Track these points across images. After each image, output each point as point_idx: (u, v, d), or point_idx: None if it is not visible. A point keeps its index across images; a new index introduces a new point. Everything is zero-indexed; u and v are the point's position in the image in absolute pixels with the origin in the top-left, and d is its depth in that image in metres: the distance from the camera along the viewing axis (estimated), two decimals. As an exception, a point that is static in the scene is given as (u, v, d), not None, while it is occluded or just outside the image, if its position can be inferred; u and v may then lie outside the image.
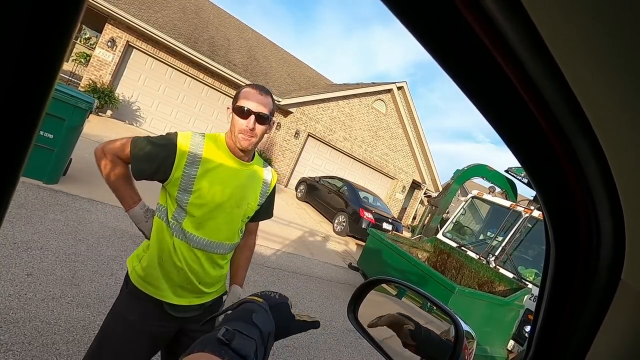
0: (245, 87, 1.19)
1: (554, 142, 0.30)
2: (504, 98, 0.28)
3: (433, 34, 0.26)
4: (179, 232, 1.16)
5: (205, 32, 11.95)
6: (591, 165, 0.30)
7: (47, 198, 3.66)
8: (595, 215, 0.33)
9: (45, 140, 3.79)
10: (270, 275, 4.33)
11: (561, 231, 0.38)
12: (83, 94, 4.15)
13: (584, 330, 0.42)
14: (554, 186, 0.34)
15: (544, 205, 0.37)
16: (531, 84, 0.26)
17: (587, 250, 0.36)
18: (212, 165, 1.16)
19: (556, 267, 0.41)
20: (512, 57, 0.24)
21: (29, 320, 2.06)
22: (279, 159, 12.35)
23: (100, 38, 9.61)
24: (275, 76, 13.50)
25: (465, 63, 0.27)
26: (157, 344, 1.22)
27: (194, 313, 1.24)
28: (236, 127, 1.16)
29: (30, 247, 2.72)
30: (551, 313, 0.47)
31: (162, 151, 1.12)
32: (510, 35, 0.24)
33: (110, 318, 1.19)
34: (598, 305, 0.39)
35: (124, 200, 1.20)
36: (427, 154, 15.08)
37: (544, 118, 0.28)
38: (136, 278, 1.18)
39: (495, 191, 6.65)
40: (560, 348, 0.47)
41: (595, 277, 0.38)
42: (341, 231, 8.68)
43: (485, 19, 0.23)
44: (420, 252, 5.54)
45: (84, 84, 9.29)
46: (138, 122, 10.56)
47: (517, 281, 4.41)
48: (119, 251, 3.29)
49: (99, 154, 1.16)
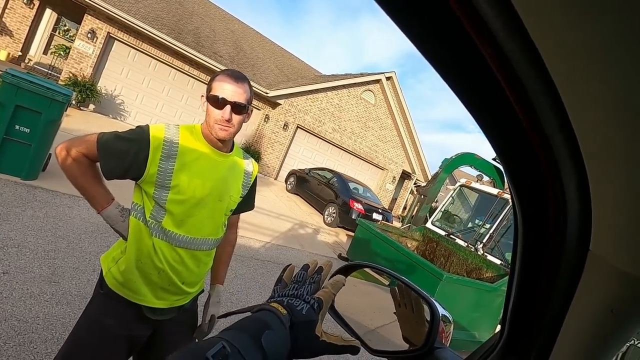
0: (219, 74, 1.10)
1: (517, 106, 0.27)
2: (478, 78, 0.27)
3: (414, 21, 0.24)
4: (159, 232, 1.08)
5: (189, 23, 11.67)
6: (555, 132, 0.28)
7: (25, 195, 3.54)
8: (561, 185, 0.31)
9: (21, 134, 3.66)
10: (259, 268, 4.30)
11: (528, 204, 0.36)
12: (60, 87, 4.00)
13: (555, 306, 0.41)
14: (519, 157, 0.32)
15: (509, 178, 0.35)
16: (503, 60, 0.24)
17: (555, 222, 0.35)
18: (189, 158, 1.08)
19: (524, 242, 0.39)
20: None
21: (5, 319, 1.99)
22: (267, 151, 12.25)
23: (80, 29, 9.30)
24: (262, 68, 13.31)
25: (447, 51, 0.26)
26: (133, 348, 1.16)
27: (172, 315, 1.19)
28: (211, 117, 1.08)
29: (7, 245, 2.63)
30: (523, 290, 0.45)
31: (133, 146, 1.03)
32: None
33: (84, 322, 1.11)
34: (568, 279, 0.37)
35: (95, 200, 1.09)
36: (417, 144, 15.13)
37: (506, 81, 0.26)
38: (112, 281, 1.10)
39: (483, 179, 6.71)
40: (534, 326, 0.46)
41: (563, 250, 0.36)
42: (331, 222, 8.69)
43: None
44: (409, 241, 5.57)
45: (64, 77, 9.00)
46: (122, 116, 10.32)
47: (505, 267, 4.47)
48: (102, 247, 3.21)
49: (61, 154, 1.04)
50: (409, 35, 0.25)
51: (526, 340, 0.48)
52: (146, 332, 1.15)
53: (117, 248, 1.15)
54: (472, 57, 0.25)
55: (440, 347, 0.66)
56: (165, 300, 1.14)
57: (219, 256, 1.33)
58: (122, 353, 1.12)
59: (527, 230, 0.38)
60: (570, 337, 0.40)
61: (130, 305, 1.10)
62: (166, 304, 1.14)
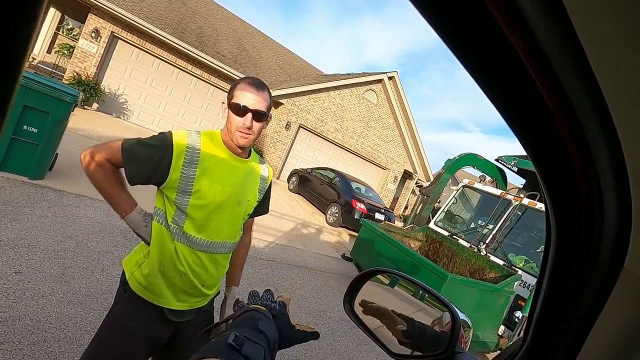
0: (241, 82, 1.12)
1: (558, 120, 0.27)
2: (511, 75, 0.26)
3: (445, 16, 0.24)
4: (181, 236, 1.10)
5: (192, 22, 11.68)
6: (600, 147, 0.28)
7: (34, 194, 3.57)
8: (600, 199, 0.32)
9: (29, 134, 3.69)
10: (263, 267, 4.33)
11: (563, 215, 0.37)
12: (67, 87, 4.03)
13: (582, 318, 0.42)
14: (556, 168, 0.32)
15: (545, 187, 0.35)
16: (542, 57, 0.24)
17: (590, 236, 0.35)
18: (210, 163, 1.11)
19: (556, 253, 0.41)
20: (523, 25, 0.22)
21: (19, 318, 2.02)
22: (270, 150, 12.27)
23: (84, 29, 9.32)
24: (265, 67, 13.32)
25: (480, 48, 0.25)
26: (155, 349, 1.19)
27: (192, 316, 1.22)
28: (232, 124, 1.10)
29: (18, 245, 2.66)
30: (550, 301, 0.46)
31: (157, 153, 1.06)
32: (528, 10, 0.21)
33: (108, 324, 1.14)
34: (598, 292, 0.38)
35: (119, 205, 1.12)
36: (418, 144, 15.13)
37: (551, 98, 0.26)
38: (136, 285, 1.12)
39: (486, 180, 6.72)
40: (558, 335, 0.47)
41: (596, 264, 0.37)
42: (334, 222, 8.71)
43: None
44: (412, 242, 5.59)
45: (68, 76, 9.04)
46: (125, 115, 10.35)
47: (507, 268, 4.49)
48: (110, 247, 3.24)
49: (86, 159, 1.06)
50: (438, 29, 0.24)
51: (550, 348, 0.49)
52: (167, 333, 1.18)
53: (139, 252, 1.18)
54: (504, 52, 0.24)
55: (460, 351, 0.68)
56: (186, 303, 1.17)
57: (235, 259, 1.36)
58: (144, 354, 1.15)
59: (560, 241, 0.39)
60: (597, 347, 0.41)
61: (153, 307, 1.13)
62: (187, 306, 1.17)
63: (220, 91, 11.33)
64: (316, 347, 3.03)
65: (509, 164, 6.34)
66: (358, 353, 3.25)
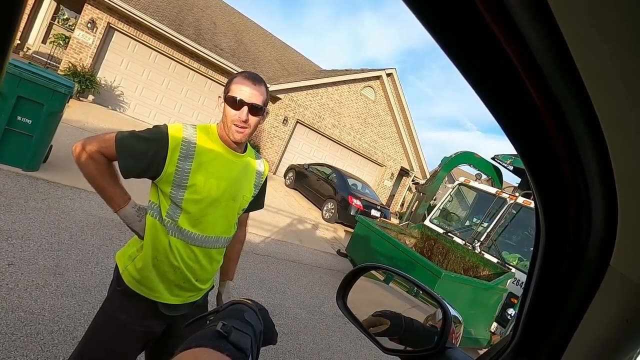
0: (238, 76, 1.12)
1: (547, 121, 0.28)
2: (501, 75, 0.26)
3: (438, 16, 0.24)
4: (175, 230, 1.10)
5: (190, 15, 11.56)
6: (587, 149, 0.28)
7: (27, 186, 3.54)
8: (588, 199, 0.32)
9: (24, 125, 3.65)
10: (259, 263, 4.33)
11: (552, 214, 0.37)
12: (62, 78, 3.99)
13: (570, 314, 0.43)
14: (545, 168, 0.33)
15: (534, 187, 0.36)
16: (532, 61, 0.24)
17: (577, 235, 0.36)
18: (206, 158, 1.10)
19: (545, 251, 0.41)
20: (517, 34, 0.23)
21: (12, 310, 2.02)
22: (267, 146, 12.24)
23: (80, 19, 9.20)
24: (263, 61, 13.24)
25: (470, 46, 0.25)
26: (148, 343, 1.19)
27: (186, 310, 1.22)
28: (228, 117, 1.10)
29: (11, 237, 2.64)
30: (538, 298, 0.47)
31: (153, 146, 1.04)
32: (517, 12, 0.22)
33: (101, 318, 1.14)
34: (585, 289, 0.39)
35: (112, 200, 1.10)
36: (416, 141, 15.15)
37: (540, 100, 0.26)
38: (129, 279, 1.12)
39: (482, 178, 6.75)
40: (546, 331, 0.48)
41: (583, 262, 0.37)
42: (330, 218, 8.72)
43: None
44: (407, 239, 5.62)
45: (63, 67, 8.93)
46: (121, 108, 10.26)
47: (501, 266, 4.53)
48: (104, 240, 3.23)
49: (78, 151, 1.04)
50: (435, 35, 0.25)
51: (538, 343, 0.50)
52: (160, 327, 1.18)
53: (132, 246, 1.17)
54: (496, 56, 0.24)
55: (450, 347, 0.69)
56: (179, 297, 1.17)
57: (229, 253, 1.36)
58: (137, 348, 1.15)
59: (549, 239, 0.39)
60: (583, 343, 0.42)
61: (146, 301, 1.12)
62: (180, 300, 1.17)
63: (218, 85, 11.25)
64: (310, 342, 3.05)
65: (504, 162, 6.37)
66: (352, 348, 3.27)
